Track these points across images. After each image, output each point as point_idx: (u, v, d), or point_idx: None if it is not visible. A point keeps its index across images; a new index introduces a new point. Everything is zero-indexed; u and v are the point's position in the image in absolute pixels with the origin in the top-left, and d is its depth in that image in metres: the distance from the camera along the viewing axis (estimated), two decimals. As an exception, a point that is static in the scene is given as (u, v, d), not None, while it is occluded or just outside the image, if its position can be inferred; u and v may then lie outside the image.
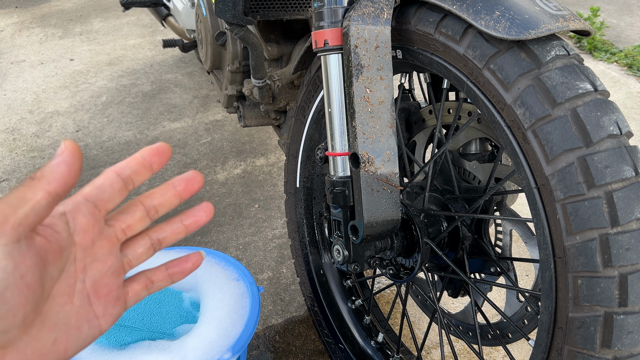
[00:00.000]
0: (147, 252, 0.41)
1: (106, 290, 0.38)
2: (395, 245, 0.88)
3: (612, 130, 0.61)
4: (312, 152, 1.12)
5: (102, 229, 0.38)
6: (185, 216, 0.42)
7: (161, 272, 0.43)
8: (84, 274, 0.37)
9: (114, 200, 0.38)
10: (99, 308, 0.38)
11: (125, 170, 0.38)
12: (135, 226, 0.40)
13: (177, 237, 0.43)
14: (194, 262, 0.44)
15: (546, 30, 0.63)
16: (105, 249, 0.38)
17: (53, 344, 0.35)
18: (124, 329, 0.94)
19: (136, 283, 0.42)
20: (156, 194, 0.40)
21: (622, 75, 2.73)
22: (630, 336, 0.60)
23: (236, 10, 1.12)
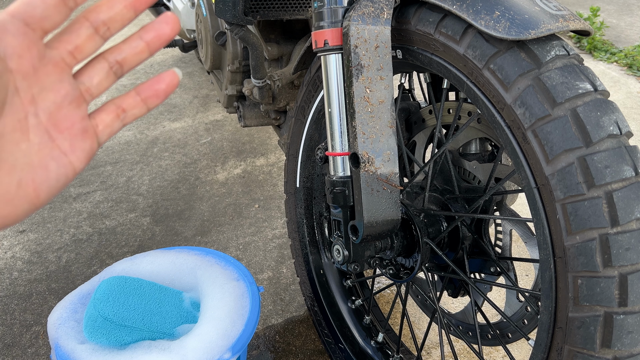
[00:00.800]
0: (107, 78, 0.36)
1: (68, 122, 0.34)
2: (395, 245, 0.88)
3: (612, 130, 0.61)
4: (312, 152, 1.12)
5: (42, 52, 0.32)
6: (145, 31, 0.36)
7: (132, 97, 0.37)
8: (35, 106, 0.32)
9: (51, 18, 0.32)
10: (64, 143, 0.34)
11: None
12: (85, 47, 0.34)
13: (139, 57, 0.36)
14: (168, 82, 0.37)
15: (546, 30, 0.64)
16: (53, 76, 0.33)
17: (18, 186, 0.32)
18: (124, 329, 0.94)
19: (105, 113, 0.37)
20: (102, 6, 0.34)
21: (622, 75, 2.73)
22: (630, 336, 0.60)
23: (236, 10, 1.12)
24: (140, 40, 0.36)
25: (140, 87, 0.37)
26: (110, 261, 1.59)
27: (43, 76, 0.33)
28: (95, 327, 0.94)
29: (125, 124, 0.38)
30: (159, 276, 1.11)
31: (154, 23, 0.36)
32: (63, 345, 0.92)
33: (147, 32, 0.36)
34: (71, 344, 0.93)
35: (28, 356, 1.27)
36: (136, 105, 0.37)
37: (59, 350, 0.92)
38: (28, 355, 1.28)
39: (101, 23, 0.34)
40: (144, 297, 1.00)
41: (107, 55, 0.36)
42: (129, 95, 0.37)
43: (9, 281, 1.52)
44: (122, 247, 1.66)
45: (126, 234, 1.72)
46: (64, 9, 0.32)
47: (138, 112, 0.38)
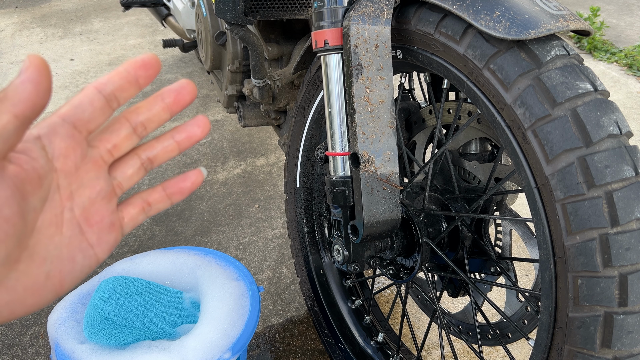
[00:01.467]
0: (137, 172, 0.38)
1: (98, 216, 0.35)
2: (395, 245, 0.88)
3: (612, 130, 0.61)
4: (312, 152, 1.12)
5: (84, 151, 0.34)
6: (177, 131, 0.38)
7: (158, 192, 0.39)
8: (71, 201, 0.34)
9: (96, 120, 0.34)
10: (92, 236, 0.35)
11: (107, 85, 0.34)
12: (122, 145, 0.36)
13: (169, 155, 0.39)
14: (194, 181, 0.40)
15: (546, 30, 0.64)
16: (91, 173, 0.35)
17: (46, 278, 0.33)
18: (124, 329, 0.94)
19: (132, 206, 0.38)
20: (142, 108, 0.36)
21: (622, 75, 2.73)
22: (630, 336, 0.60)
23: (236, 10, 1.12)
24: (172, 140, 0.38)
25: (167, 183, 0.40)
26: (110, 261, 1.59)
27: (83, 173, 0.34)
28: (96, 327, 0.94)
29: (149, 216, 0.40)
30: (159, 276, 1.11)
31: (187, 125, 0.38)
32: (63, 345, 0.92)
33: (179, 133, 0.38)
34: (71, 344, 0.93)
35: (28, 356, 1.27)
36: (161, 200, 0.40)
37: (59, 350, 0.92)
38: (28, 355, 1.28)
39: (139, 124, 0.36)
40: (144, 297, 1.00)
41: (140, 152, 0.38)
42: (156, 191, 0.39)
43: (9, 281, 1.52)
44: (122, 247, 1.66)
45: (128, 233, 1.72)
46: (108, 110, 0.34)
47: (162, 206, 0.40)
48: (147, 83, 0.35)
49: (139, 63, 0.34)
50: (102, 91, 0.34)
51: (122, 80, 0.34)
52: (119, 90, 0.34)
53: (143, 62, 0.35)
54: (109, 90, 0.34)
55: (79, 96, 0.34)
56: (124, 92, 0.35)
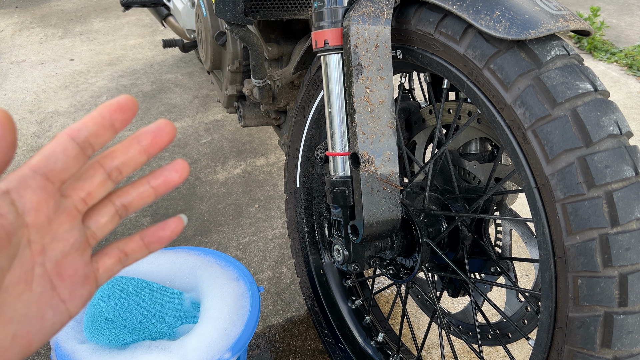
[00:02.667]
0: (112, 220, 0.35)
1: (71, 270, 0.33)
2: (395, 245, 0.88)
3: (612, 130, 0.61)
4: (312, 152, 1.12)
5: (57, 203, 0.32)
6: (153, 176, 0.36)
7: (135, 242, 0.37)
8: (43, 256, 0.32)
9: (69, 170, 0.32)
10: (64, 291, 0.33)
11: (80, 132, 0.32)
12: (96, 193, 0.34)
13: (144, 201, 0.36)
14: (173, 230, 0.37)
15: (546, 30, 0.64)
16: (65, 225, 0.32)
17: (12, 339, 0.31)
18: (124, 329, 0.94)
19: (107, 257, 0.36)
20: (117, 152, 0.34)
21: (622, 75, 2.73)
22: (630, 336, 0.60)
23: (236, 10, 1.12)
24: (148, 185, 0.36)
25: (145, 232, 0.37)
26: (111, 261, 1.59)
27: (56, 226, 0.32)
28: (96, 327, 0.94)
29: (125, 267, 0.37)
30: (159, 276, 1.11)
31: (164, 170, 0.36)
32: (63, 345, 0.92)
33: (155, 178, 0.36)
34: (71, 344, 0.93)
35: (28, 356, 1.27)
36: (139, 250, 0.37)
37: (59, 350, 0.92)
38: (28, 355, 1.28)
39: (114, 169, 0.34)
40: (144, 298, 1.00)
41: (114, 199, 0.36)
42: (133, 240, 0.37)
43: (9, 281, 1.52)
44: (122, 247, 1.66)
45: (126, 233, 1.72)
46: (82, 158, 0.32)
47: (140, 255, 0.37)
48: (124, 126, 0.33)
49: (114, 106, 0.32)
50: (76, 138, 0.32)
51: (96, 125, 0.32)
52: (94, 136, 0.32)
53: (119, 105, 0.33)
54: (83, 137, 0.32)
55: (50, 145, 0.32)
56: (99, 138, 0.32)
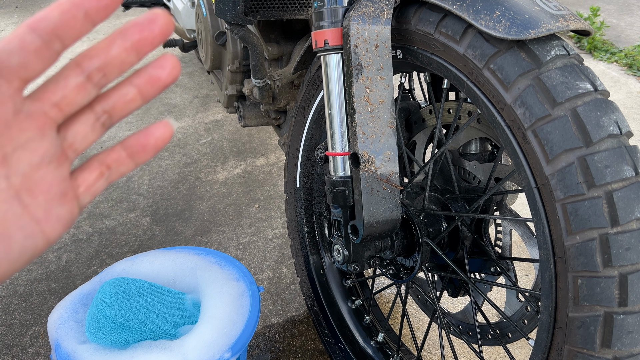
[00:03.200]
0: (92, 130, 0.31)
1: (44, 185, 0.29)
2: (395, 245, 0.88)
3: (612, 130, 0.61)
4: (312, 152, 1.12)
5: (17, 105, 0.27)
6: (137, 77, 0.30)
7: (116, 152, 0.32)
8: (6, 168, 0.28)
9: (30, 67, 0.27)
10: (37, 210, 0.29)
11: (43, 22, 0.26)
12: (73, 98, 0.29)
13: (129, 106, 0.31)
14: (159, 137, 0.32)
15: (546, 30, 0.64)
16: (30, 132, 0.28)
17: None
18: (126, 329, 0.94)
19: (87, 172, 0.32)
20: (97, 50, 0.28)
21: (622, 75, 2.73)
22: (630, 336, 0.60)
23: (236, 10, 1.12)
24: (131, 87, 0.30)
25: (127, 141, 0.32)
26: (110, 261, 1.59)
27: (17, 133, 0.28)
28: (98, 328, 0.94)
29: (110, 182, 0.33)
30: (159, 276, 1.11)
31: (149, 67, 0.30)
32: (63, 345, 0.92)
33: (139, 78, 0.30)
34: (71, 344, 0.93)
35: (28, 356, 1.27)
36: (122, 162, 0.32)
37: (59, 350, 0.92)
38: (28, 355, 1.28)
39: (95, 69, 0.29)
40: (146, 298, 1.00)
41: (94, 105, 0.31)
42: (114, 151, 0.32)
43: (9, 281, 1.52)
44: (122, 247, 1.66)
45: (126, 233, 1.72)
46: (47, 53, 0.27)
47: (124, 169, 0.33)
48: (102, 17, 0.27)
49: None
50: (37, 29, 0.26)
51: (64, 14, 0.26)
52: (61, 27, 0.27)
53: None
54: (46, 28, 0.26)
55: (7, 38, 0.27)
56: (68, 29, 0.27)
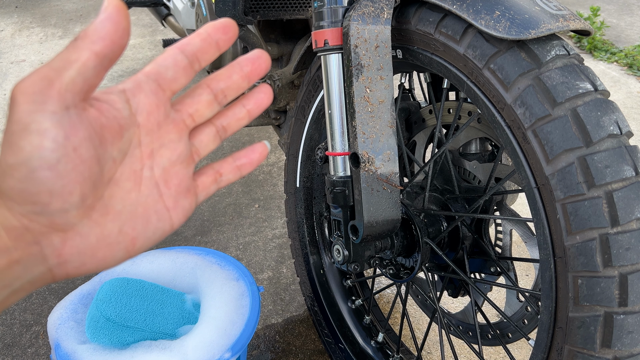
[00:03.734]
0: (214, 140, 0.39)
1: (177, 179, 0.36)
2: (396, 245, 0.88)
3: (612, 130, 0.61)
4: (312, 152, 1.12)
5: (167, 111, 0.35)
6: (247, 100, 0.40)
7: (229, 164, 0.40)
8: (152, 160, 0.35)
9: (179, 80, 0.35)
10: (169, 199, 0.36)
11: (188, 46, 0.35)
12: (203, 111, 0.37)
13: (240, 123, 0.40)
14: (261, 152, 0.41)
15: (546, 30, 0.63)
16: (172, 135, 0.35)
17: (119, 232, 0.33)
18: (126, 329, 0.94)
19: (205, 176, 0.39)
20: (222, 76, 0.37)
21: (622, 75, 2.73)
22: (630, 336, 0.60)
23: (236, 10, 1.12)
24: (243, 108, 0.40)
25: (237, 154, 0.41)
26: (110, 261, 1.58)
27: (165, 134, 0.35)
28: (98, 328, 0.94)
29: (219, 188, 0.41)
30: (159, 276, 1.11)
31: (254, 92, 0.40)
32: (63, 345, 0.92)
33: (248, 100, 0.40)
34: (71, 344, 0.93)
35: (28, 356, 1.27)
36: (232, 171, 0.40)
37: (59, 350, 0.92)
38: (28, 355, 1.28)
39: (220, 91, 0.37)
40: (146, 298, 1.00)
41: (215, 120, 0.39)
42: (227, 162, 0.40)
43: (9, 281, 1.52)
44: (122, 247, 1.66)
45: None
46: (190, 71, 0.35)
47: (232, 177, 0.41)
48: (227, 46, 0.36)
49: (218, 26, 0.35)
50: (184, 51, 0.35)
51: (202, 42, 0.35)
52: (200, 52, 0.35)
53: (222, 25, 0.35)
54: (190, 51, 0.35)
55: (162, 56, 0.34)
56: (205, 54, 0.35)
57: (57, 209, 0.29)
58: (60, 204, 0.29)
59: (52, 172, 0.28)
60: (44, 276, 0.31)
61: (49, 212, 0.29)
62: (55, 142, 0.28)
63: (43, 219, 0.30)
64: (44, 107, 0.28)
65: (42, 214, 0.29)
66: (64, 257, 0.31)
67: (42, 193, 0.28)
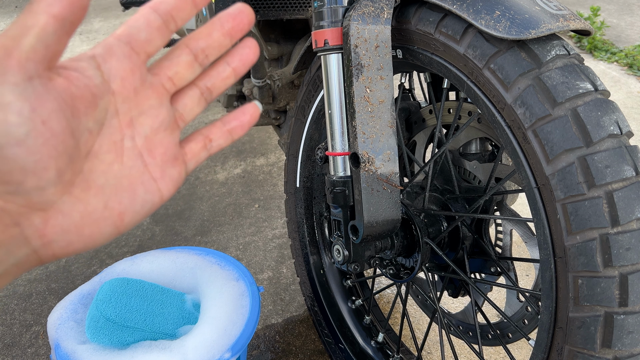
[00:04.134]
0: (198, 103, 0.37)
1: (162, 148, 0.34)
2: (396, 245, 0.88)
3: (613, 130, 0.61)
4: (312, 152, 1.12)
5: (143, 75, 0.33)
6: (231, 57, 0.37)
7: (218, 128, 0.38)
8: (132, 129, 0.33)
9: (154, 42, 0.32)
10: (155, 169, 0.34)
11: (161, 5, 0.32)
12: (184, 73, 0.35)
13: (226, 82, 0.37)
14: (252, 114, 0.39)
15: (546, 29, 0.63)
16: (152, 100, 0.33)
17: (104, 207, 0.32)
18: (126, 330, 0.94)
19: (194, 142, 0.37)
20: (201, 34, 0.35)
21: (622, 75, 2.73)
22: (630, 336, 0.60)
23: (236, 10, 1.12)
24: (227, 66, 0.37)
25: (226, 117, 0.39)
26: (110, 261, 1.59)
27: (143, 100, 0.33)
28: (98, 328, 0.94)
29: (210, 154, 0.39)
30: (159, 276, 1.11)
31: (238, 48, 0.37)
32: (63, 345, 0.92)
33: (232, 57, 0.37)
34: (71, 344, 0.93)
35: (28, 356, 1.27)
36: (222, 136, 0.38)
37: (59, 350, 0.92)
38: (28, 355, 1.27)
39: (200, 50, 0.35)
40: (146, 299, 1.00)
41: (198, 82, 0.37)
42: (216, 126, 0.38)
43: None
44: (122, 247, 1.66)
45: (126, 233, 1.72)
46: (166, 31, 0.33)
47: (223, 142, 0.39)
48: (204, 3, 0.34)
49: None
50: (158, 10, 0.32)
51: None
52: (175, 9, 0.33)
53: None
54: (164, 9, 0.32)
55: (134, 17, 0.32)
56: (180, 11, 0.33)
57: (32, 186, 0.28)
58: (35, 181, 0.27)
59: (22, 148, 0.26)
60: (29, 258, 0.30)
61: (25, 191, 0.28)
62: (21, 116, 0.26)
63: (19, 198, 0.28)
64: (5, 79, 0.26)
65: (17, 194, 0.28)
66: (48, 237, 0.30)
67: (14, 171, 0.27)
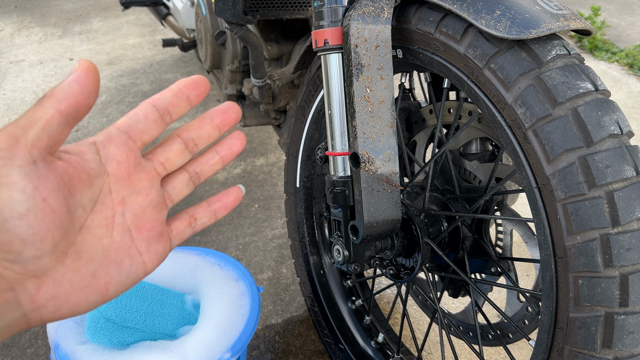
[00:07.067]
0: (187, 186, 0.40)
1: (149, 225, 0.37)
2: (396, 245, 0.88)
3: (613, 130, 0.61)
4: (312, 151, 1.12)
5: (138, 160, 0.37)
6: (220, 146, 0.41)
7: (203, 208, 0.42)
8: (123, 207, 0.36)
9: (150, 132, 0.37)
10: (141, 244, 0.37)
11: (159, 101, 0.37)
12: (175, 160, 0.39)
13: (214, 168, 0.41)
14: (236, 196, 0.43)
15: (547, 29, 0.63)
16: (144, 182, 0.37)
17: (92, 277, 0.34)
18: (126, 330, 0.94)
19: (179, 221, 0.41)
20: (193, 126, 0.39)
21: (622, 75, 2.73)
22: (631, 336, 0.60)
23: (236, 10, 1.12)
24: (216, 154, 0.41)
25: (212, 199, 0.42)
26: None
27: (136, 181, 0.37)
28: (98, 328, 0.94)
29: (195, 232, 0.42)
30: (159, 276, 1.11)
31: (227, 139, 0.42)
32: (63, 345, 0.92)
33: (221, 147, 0.41)
34: (71, 344, 0.93)
35: (27, 356, 1.27)
36: (206, 215, 0.42)
37: (59, 350, 0.92)
38: (27, 355, 1.27)
39: (190, 140, 0.39)
40: (146, 299, 1.00)
41: (188, 167, 0.41)
42: (201, 207, 0.42)
43: (9, 281, 1.52)
44: (121, 247, 1.66)
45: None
46: (161, 124, 0.37)
47: (207, 221, 0.42)
48: (198, 101, 0.38)
49: (189, 82, 0.38)
50: (156, 105, 0.37)
51: (174, 96, 0.37)
52: (171, 105, 0.37)
53: (193, 82, 0.38)
54: (162, 105, 0.37)
55: (134, 110, 0.37)
56: (176, 107, 0.37)
57: (30, 256, 0.30)
58: (32, 251, 0.30)
59: (23, 222, 0.29)
60: (19, 321, 0.32)
61: (23, 259, 0.30)
62: (24, 194, 0.29)
63: (17, 266, 0.30)
64: (12, 162, 0.29)
65: (15, 262, 0.30)
66: (39, 303, 0.32)
67: (14, 242, 0.29)
